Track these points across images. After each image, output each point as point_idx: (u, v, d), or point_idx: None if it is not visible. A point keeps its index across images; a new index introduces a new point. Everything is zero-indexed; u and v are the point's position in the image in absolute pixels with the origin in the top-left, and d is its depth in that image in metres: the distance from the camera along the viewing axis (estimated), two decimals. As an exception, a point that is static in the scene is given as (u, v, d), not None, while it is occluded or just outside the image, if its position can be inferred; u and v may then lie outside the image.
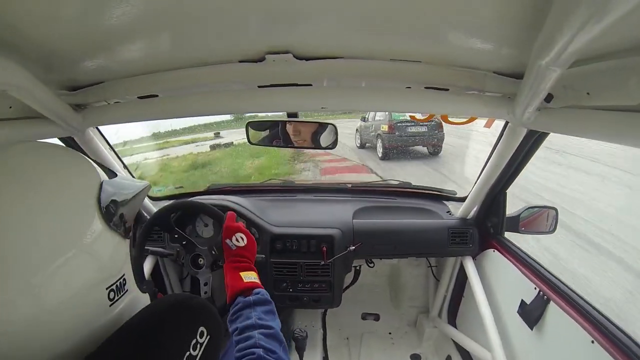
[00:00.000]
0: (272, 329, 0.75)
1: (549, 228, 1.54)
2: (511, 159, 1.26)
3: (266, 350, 0.67)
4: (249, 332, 0.72)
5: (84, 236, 0.45)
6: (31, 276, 0.39)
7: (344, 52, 0.88)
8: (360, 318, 2.30)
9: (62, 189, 0.46)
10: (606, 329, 0.97)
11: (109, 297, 0.49)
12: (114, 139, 1.45)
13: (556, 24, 0.53)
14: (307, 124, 1.22)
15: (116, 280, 0.50)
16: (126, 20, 0.63)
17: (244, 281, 0.88)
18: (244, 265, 0.93)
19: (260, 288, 0.87)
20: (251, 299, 0.82)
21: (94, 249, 0.46)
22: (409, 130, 8.40)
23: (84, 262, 0.45)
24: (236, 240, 0.98)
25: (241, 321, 0.76)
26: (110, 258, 0.50)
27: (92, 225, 0.46)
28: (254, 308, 0.80)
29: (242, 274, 0.90)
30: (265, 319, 0.77)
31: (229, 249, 0.97)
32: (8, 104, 0.86)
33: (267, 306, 0.82)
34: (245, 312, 0.79)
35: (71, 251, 0.43)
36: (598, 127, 0.72)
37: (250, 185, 2.18)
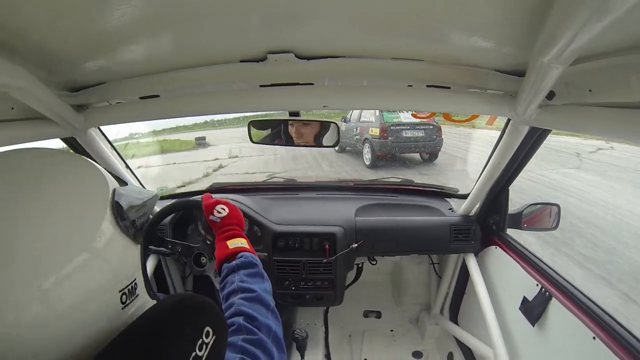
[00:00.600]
0: (254, 292, 0.71)
1: (551, 224, 1.54)
2: (513, 157, 1.26)
3: (246, 317, 0.64)
4: (232, 299, 0.69)
5: (96, 240, 0.45)
6: (43, 279, 0.39)
7: (345, 51, 0.88)
8: (363, 315, 2.31)
9: (74, 193, 0.46)
10: (608, 325, 0.98)
11: (122, 300, 0.49)
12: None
13: (558, 21, 0.53)
14: (309, 122, 1.22)
15: (128, 284, 0.51)
16: (127, 20, 0.63)
17: (229, 248, 0.86)
18: (230, 234, 0.92)
19: (245, 252, 0.85)
20: (234, 264, 0.80)
21: (106, 252, 0.47)
22: (404, 135, 7.22)
23: (97, 265, 0.45)
24: (217, 212, 0.96)
25: (227, 288, 0.74)
26: (123, 262, 0.50)
27: (105, 229, 0.47)
28: (237, 272, 0.77)
29: (229, 241, 0.88)
30: (247, 282, 0.74)
31: (215, 224, 0.96)
32: (10, 105, 0.87)
33: (251, 269, 0.79)
34: (230, 277, 0.77)
35: (84, 255, 0.43)
36: (600, 124, 0.72)
37: (252, 183, 2.18)
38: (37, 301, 0.39)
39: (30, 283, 0.38)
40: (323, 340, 2.08)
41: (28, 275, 0.39)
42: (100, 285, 0.46)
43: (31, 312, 0.38)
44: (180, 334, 0.49)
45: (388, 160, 7.45)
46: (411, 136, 7.29)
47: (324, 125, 1.23)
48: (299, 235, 1.63)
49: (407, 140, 7.28)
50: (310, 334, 1.83)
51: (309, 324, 2.17)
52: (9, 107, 0.87)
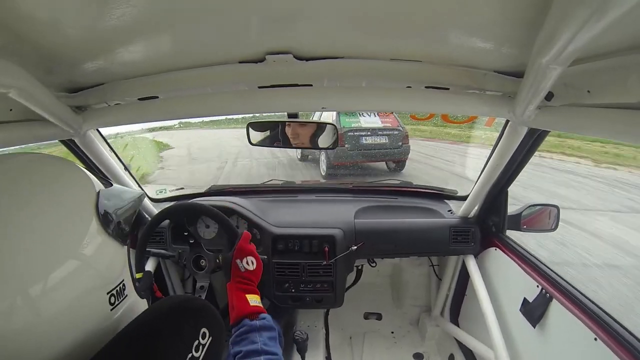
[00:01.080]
0: (277, 355, 0.76)
1: (550, 226, 1.54)
2: (512, 158, 1.26)
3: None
4: (255, 357, 0.74)
5: (83, 244, 0.46)
6: (30, 285, 0.39)
7: (344, 52, 0.88)
8: (363, 317, 2.30)
9: (59, 199, 0.47)
10: (609, 326, 0.97)
11: (110, 301, 0.50)
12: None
13: (556, 22, 0.53)
14: (307, 124, 1.22)
15: (116, 286, 0.51)
16: (126, 21, 0.63)
17: (250, 304, 0.89)
18: (249, 288, 0.94)
19: (265, 313, 0.88)
20: (257, 324, 0.83)
21: (93, 256, 0.47)
22: (364, 142, 6.25)
23: (84, 269, 0.45)
24: (247, 264, 0.98)
25: (245, 344, 0.78)
26: (110, 264, 0.51)
27: (91, 233, 0.47)
28: (260, 333, 0.81)
29: (248, 296, 0.91)
30: (270, 345, 0.78)
31: (237, 270, 0.97)
32: (9, 107, 0.87)
33: (272, 332, 0.83)
34: (251, 336, 0.80)
35: (71, 261, 0.44)
36: (598, 124, 0.72)
37: (251, 186, 2.18)
38: (24, 308, 0.38)
39: (17, 290, 0.38)
40: (324, 342, 2.08)
41: (14, 282, 0.38)
42: (88, 289, 0.46)
43: (18, 318, 0.38)
44: (176, 335, 0.49)
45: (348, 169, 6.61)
46: (372, 143, 6.32)
47: (322, 126, 1.23)
48: (298, 238, 1.62)
49: (367, 147, 6.30)
50: (311, 336, 1.82)
51: (310, 326, 2.16)
52: (8, 109, 0.87)
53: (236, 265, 0.98)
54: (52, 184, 0.48)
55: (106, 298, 0.49)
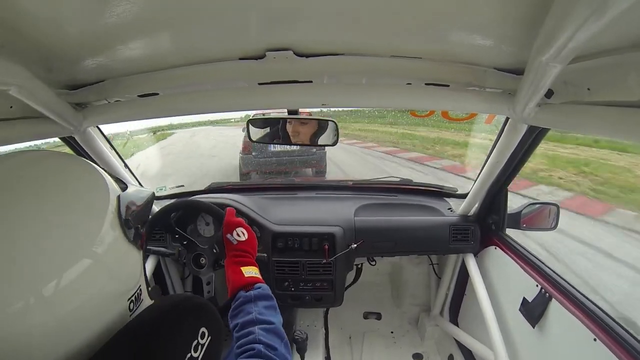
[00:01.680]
0: (273, 324, 0.74)
1: (550, 224, 1.54)
2: (512, 155, 1.26)
3: (266, 346, 0.66)
4: (250, 328, 0.72)
5: (107, 254, 0.45)
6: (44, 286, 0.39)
7: (344, 49, 0.88)
8: (362, 317, 2.30)
9: (81, 202, 0.46)
10: (608, 326, 0.97)
11: (129, 307, 0.50)
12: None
13: (557, 20, 0.53)
14: (308, 121, 1.22)
15: (135, 292, 0.52)
16: (126, 18, 0.63)
17: (245, 276, 0.88)
18: (245, 260, 0.93)
19: (261, 283, 0.87)
20: (252, 294, 0.82)
21: (117, 265, 0.47)
22: (271, 150, 5.89)
23: (108, 279, 0.46)
24: (237, 235, 0.98)
25: (242, 317, 0.76)
26: (131, 271, 0.51)
27: (114, 238, 0.47)
28: (255, 303, 0.80)
29: (243, 268, 0.90)
30: (265, 314, 0.77)
31: (230, 244, 0.97)
32: (9, 104, 0.87)
33: (268, 301, 0.82)
34: (246, 307, 0.79)
35: (95, 269, 0.43)
36: (598, 122, 0.72)
37: (251, 183, 2.18)
38: (44, 307, 0.38)
39: (34, 290, 0.38)
40: (323, 342, 2.08)
41: (30, 286, 0.38)
42: (111, 299, 0.46)
43: (40, 318, 0.38)
44: (175, 335, 0.49)
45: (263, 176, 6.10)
46: (281, 150, 5.91)
47: (323, 123, 1.22)
48: (298, 236, 1.62)
49: (275, 155, 5.93)
50: (310, 336, 1.83)
51: (309, 326, 2.16)
52: (8, 106, 0.87)
53: (227, 240, 0.97)
54: (73, 185, 0.47)
55: (127, 305, 0.49)
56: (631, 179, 5.02)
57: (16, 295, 0.37)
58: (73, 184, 0.47)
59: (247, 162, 5.96)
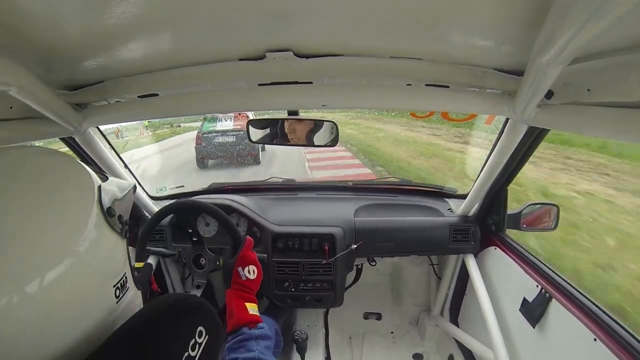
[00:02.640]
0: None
1: (550, 225, 1.54)
2: (512, 156, 1.25)
3: None
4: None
5: (90, 239, 0.46)
6: (33, 281, 0.39)
7: (344, 50, 0.88)
8: (363, 317, 2.30)
9: (62, 194, 0.47)
10: (608, 326, 0.97)
11: (116, 294, 0.50)
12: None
13: (557, 21, 0.53)
14: (307, 121, 1.21)
15: (120, 278, 0.52)
16: (126, 19, 0.63)
17: (249, 313, 0.90)
18: (248, 297, 0.95)
19: (262, 322, 0.90)
20: (255, 332, 0.85)
21: (101, 251, 0.48)
22: (216, 141, 8.17)
23: (93, 264, 0.46)
24: (248, 272, 0.99)
25: (242, 352, 0.80)
26: (115, 257, 0.51)
27: (97, 228, 0.47)
28: (257, 342, 0.83)
29: (247, 304, 0.92)
30: (266, 355, 0.80)
31: (238, 277, 0.98)
32: (9, 104, 0.87)
33: (268, 342, 0.85)
34: (248, 344, 0.82)
35: (79, 255, 0.44)
36: (598, 123, 0.72)
37: (251, 183, 2.18)
38: (27, 304, 0.38)
39: (18, 287, 0.38)
40: (323, 342, 2.08)
41: (15, 279, 0.38)
42: (97, 283, 0.46)
43: (20, 315, 0.38)
44: (173, 333, 0.49)
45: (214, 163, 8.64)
46: (222, 142, 8.11)
47: (321, 124, 1.22)
48: (298, 236, 1.62)
49: (219, 145, 8.19)
50: (311, 336, 1.83)
51: (309, 326, 2.16)
52: (8, 106, 0.87)
53: (237, 273, 0.98)
54: (53, 177, 0.48)
55: (112, 291, 0.50)
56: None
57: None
58: (54, 177, 0.48)
59: (198, 150, 8.29)
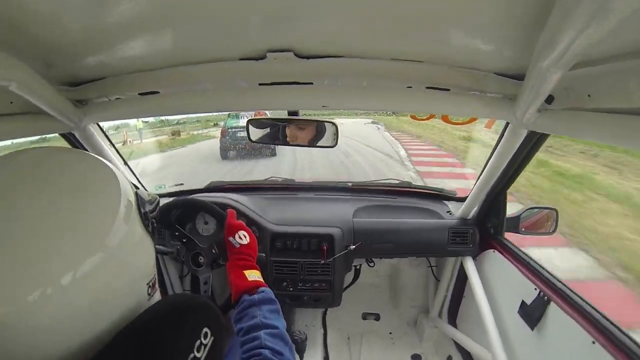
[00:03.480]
0: (278, 328, 0.74)
1: (549, 229, 1.54)
2: (512, 160, 1.25)
3: (273, 352, 0.67)
4: (255, 332, 0.72)
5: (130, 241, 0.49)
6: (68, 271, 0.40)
7: (345, 51, 0.88)
8: (361, 318, 2.30)
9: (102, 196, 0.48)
10: (607, 329, 0.97)
11: (148, 292, 0.53)
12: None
13: (558, 26, 0.53)
14: (308, 122, 1.21)
15: (152, 277, 0.55)
16: (128, 16, 0.63)
17: (249, 279, 0.88)
18: (247, 264, 0.94)
19: (264, 286, 0.87)
20: (256, 298, 0.82)
21: (139, 251, 0.51)
22: (238, 135, 9.43)
23: (124, 257, 0.48)
24: (239, 238, 0.98)
25: (246, 321, 0.77)
26: (149, 257, 0.54)
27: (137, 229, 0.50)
28: (260, 307, 0.80)
29: (246, 272, 0.90)
30: (270, 319, 0.77)
31: (232, 247, 0.97)
32: (9, 100, 0.87)
33: (272, 305, 0.82)
34: (251, 311, 0.79)
35: (116, 254, 0.46)
36: (598, 129, 0.72)
37: (250, 183, 2.18)
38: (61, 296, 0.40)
39: (53, 279, 0.39)
40: (322, 342, 2.08)
41: (50, 271, 0.39)
42: (135, 280, 0.50)
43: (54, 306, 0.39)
44: (178, 335, 0.49)
45: (235, 155, 10.04)
46: (244, 136, 9.63)
47: (323, 125, 1.22)
48: (297, 236, 1.62)
49: (241, 139, 9.47)
50: (309, 336, 1.83)
51: (308, 326, 2.16)
52: (8, 101, 0.87)
53: (230, 242, 0.98)
54: (89, 179, 0.49)
55: (145, 288, 0.52)
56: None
57: (34, 285, 0.38)
58: (88, 178, 0.49)
59: (223, 143, 9.87)
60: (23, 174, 0.45)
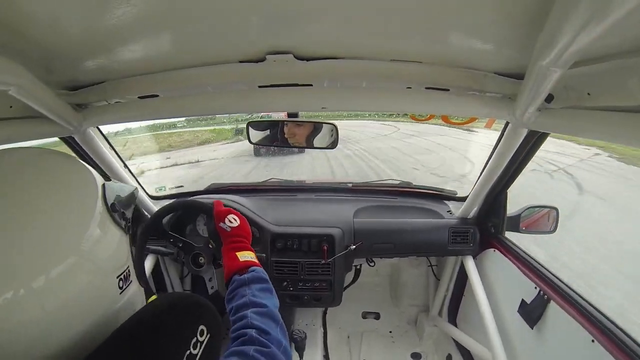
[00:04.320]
0: (266, 307, 0.72)
1: (550, 228, 1.54)
2: (512, 159, 1.26)
3: (259, 331, 0.65)
4: (243, 312, 0.71)
5: (93, 232, 0.48)
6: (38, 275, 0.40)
7: (344, 53, 0.88)
8: (361, 317, 2.30)
9: (67, 191, 0.49)
10: (606, 328, 0.97)
11: (119, 285, 0.52)
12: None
13: (557, 24, 0.53)
14: (307, 124, 1.21)
15: (123, 270, 0.54)
16: (127, 20, 0.63)
17: (240, 260, 0.87)
18: (240, 245, 0.93)
19: (256, 266, 0.86)
20: (246, 277, 0.81)
21: (104, 242, 0.50)
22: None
23: (97, 258, 0.48)
24: (229, 222, 0.98)
25: (236, 300, 0.75)
26: (118, 249, 0.53)
27: (101, 221, 0.50)
28: (249, 286, 0.79)
29: (238, 253, 0.90)
30: (259, 297, 0.75)
31: (224, 232, 0.97)
32: (9, 104, 0.86)
33: (262, 284, 0.81)
34: (240, 290, 0.78)
35: (83, 246, 0.46)
36: (598, 127, 0.72)
37: (250, 184, 2.18)
38: (33, 298, 0.39)
39: (25, 281, 0.39)
40: (322, 341, 2.08)
41: (22, 274, 0.39)
42: (101, 273, 0.48)
43: (27, 309, 0.39)
44: (174, 332, 0.49)
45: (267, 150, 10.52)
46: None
47: (320, 126, 1.22)
48: (297, 237, 1.62)
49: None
50: (309, 335, 1.83)
51: (308, 325, 2.16)
52: (8, 106, 0.87)
53: (221, 229, 0.98)
54: (58, 176, 0.50)
55: (116, 282, 0.51)
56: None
57: (5, 288, 0.38)
58: (57, 176, 0.50)
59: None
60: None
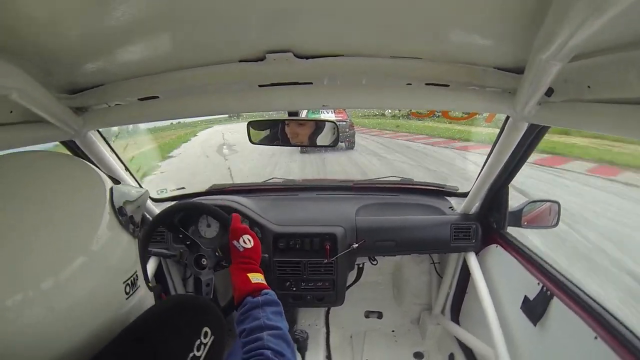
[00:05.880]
0: (281, 329, 0.75)
1: (551, 222, 1.54)
2: (513, 154, 1.25)
3: (275, 352, 0.68)
4: (258, 334, 0.73)
5: (100, 236, 0.48)
6: (46, 278, 0.40)
7: (344, 50, 0.88)
8: (364, 316, 2.30)
9: (75, 194, 0.49)
10: (609, 324, 0.97)
11: (125, 290, 0.52)
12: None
13: (557, 18, 0.53)
14: (308, 122, 1.21)
15: (131, 276, 0.53)
16: (125, 22, 0.63)
17: (252, 282, 0.89)
18: (251, 267, 0.94)
19: (267, 289, 0.88)
20: (259, 300, 0.83)
21: (110, 247, 0.49)
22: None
23: (103, 259, 0.48)
24: (243, 242, 0.99)
25: (249, 322, 0.77)
26: (125, 254, 0.53)
27: (108, 226, 0.49)
28: (263, 309, 0.80)
29: (250, 275, 0.91)
30: (273, 320, 0.78)
31: (236, 250, 0.98)
32: (9, 109, 0.86)
33: (275, 307, 0.83)
34: (254, 312, 0.80)
35: (89, 251, 0.46)
36: (599, 120, 0.72)
37: (252, 184, 2.18)
38: (40, 301, 0.40)
39: (32, 284, 0.39)
40: (324, 341, 2.08)
41: (30, 277, 0.39)
42: (107, 278, 0.48)
43: (33, 312, 0.39)
44: (178, 334, 0.50)
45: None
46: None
47: (322, 125, 1.22)
48: (299, 236, 1.62)
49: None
50: (311, 335, 1.83)
51: (310, 325, 2.16)
52: (8, 110, 0.87)
53: (234, 246, 0.98)
54: (67, 179, 0.50)
55: (122, 287, 0.51)
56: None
57: (14, 289, 0.38)
58: (66, 179, 0.50)
59: None
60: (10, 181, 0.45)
